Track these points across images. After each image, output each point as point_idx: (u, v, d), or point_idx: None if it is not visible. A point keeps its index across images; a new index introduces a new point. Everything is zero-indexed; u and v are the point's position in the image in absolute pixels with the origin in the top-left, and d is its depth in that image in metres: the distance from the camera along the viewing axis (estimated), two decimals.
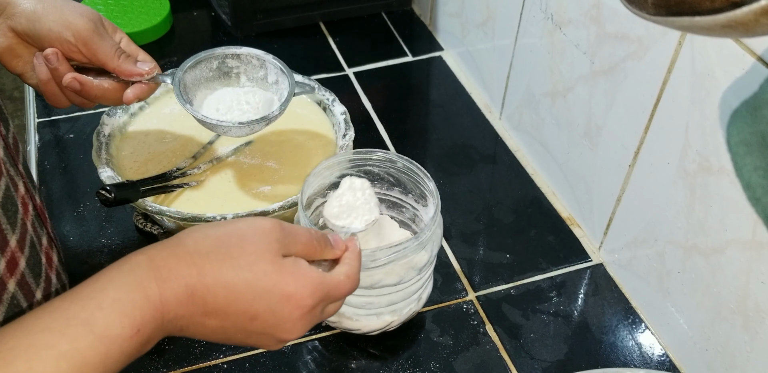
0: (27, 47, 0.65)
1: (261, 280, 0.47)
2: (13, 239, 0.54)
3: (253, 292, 0.47)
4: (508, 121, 0.94)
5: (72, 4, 0.65)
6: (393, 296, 0.66)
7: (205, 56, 0.71)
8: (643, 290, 0.74)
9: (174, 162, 0.78)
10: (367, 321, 0.68)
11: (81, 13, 0.64)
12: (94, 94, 0.66)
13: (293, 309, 0.48)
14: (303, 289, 0.48)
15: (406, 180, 0.68)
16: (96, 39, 0.64)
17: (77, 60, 0.65)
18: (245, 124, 0.68)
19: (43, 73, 0.65)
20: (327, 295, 0.50)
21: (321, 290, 0.49)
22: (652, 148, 0.67)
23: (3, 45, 0.64)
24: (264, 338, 0.49)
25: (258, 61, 0.72)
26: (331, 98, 0.83)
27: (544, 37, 0.80)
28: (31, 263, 0.57)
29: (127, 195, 0.70)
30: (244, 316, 0.47)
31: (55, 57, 0.63)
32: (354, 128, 0.80)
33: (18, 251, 0.55)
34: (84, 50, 0.64)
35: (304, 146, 0.81)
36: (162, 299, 0.44)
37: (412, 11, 1.16)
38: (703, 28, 0.34)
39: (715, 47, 0.56)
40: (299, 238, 0.50)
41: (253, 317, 0.47)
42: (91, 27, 0.64)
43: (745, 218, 0.57)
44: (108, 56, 0.65)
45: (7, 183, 0.54)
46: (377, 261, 0.60)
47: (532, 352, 0.71)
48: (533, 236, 0.82)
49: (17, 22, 0.63)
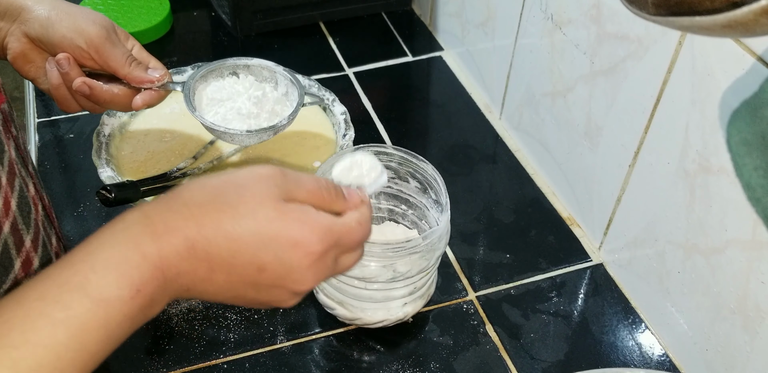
0: (40, 53, 0.66)
1: (264, 227, 0.44)
2: (28, 239, 0.54)
3: (257, 240, 0.44)
4: (508, 121, 0.94)
5: (85, 11, 0.65)
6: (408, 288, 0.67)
7: (217, 66, 0.72)
8: (643, 290, 0.74)
9: (174, 162, 0.78)
10: (384, 313, 0.69)
11: (94, 21, 0.64)
12: (104, 99, 0.66)
13: (302, 257, 0.45)
14: (311, 234, 0.45)
15: (421, 179, 0.69)
16: (108, 46, 0.64)
17: (89, 66, 0.66)
18: (253, 133, 0.68)
19: (55, 78, 0.65)
20: (338, 241, 0.46)
21: (331, 235, 0.46)
22: (652, 148, 0.67)
23: (17, 50, 0.65)
24: (276, 292, 0.46)
25: (268, 72, 0.73)
26: (331, 98, 0.83)
27: (544, 37, 0.80)
28: (43, 262, 0.56)
29: (127, 195, 0.70)
30: (251, 267, 0.44)
31: (67, 62, 0.64)
32: (354, 128, 0.80)
33: (32, 251, 0.55)
34: (96, 57, 0.64)
35: (304, 146, 0.81)
36: (160, 255, 0.42)
37: (412, 11, 1.16)
38: (703, 28, 0.34)
39: (715, 47, 0.56)
40: (304, 185, 0.47)
41: (261, 268, 0.45)
42: (103, 34, 0.64)
43: (745, 218, 0.57)
44: (119, 63, 0.65)
45: (21, 184, 0.54)
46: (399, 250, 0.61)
47: (532, 352, 0.71)
48: (533, 236, 0.82)
49: (31, 28, 0.64)
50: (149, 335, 0.71)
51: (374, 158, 0.54)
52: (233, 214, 0.44)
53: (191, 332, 0.72)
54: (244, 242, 0.44)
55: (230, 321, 0.73)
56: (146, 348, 0.70)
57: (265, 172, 0.46)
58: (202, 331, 0.72)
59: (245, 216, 0.44)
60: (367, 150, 0.62)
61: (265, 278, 0.45)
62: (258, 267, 0.44)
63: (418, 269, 0.65)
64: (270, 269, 0.45)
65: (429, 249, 0.63)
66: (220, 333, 0.72)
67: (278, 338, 0.71)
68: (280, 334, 0.72)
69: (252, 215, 0.44)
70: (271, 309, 0.74)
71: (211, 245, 0.43)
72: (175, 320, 0.73)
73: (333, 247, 0.46)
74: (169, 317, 0.73)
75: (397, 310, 0.69)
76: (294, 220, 0.45)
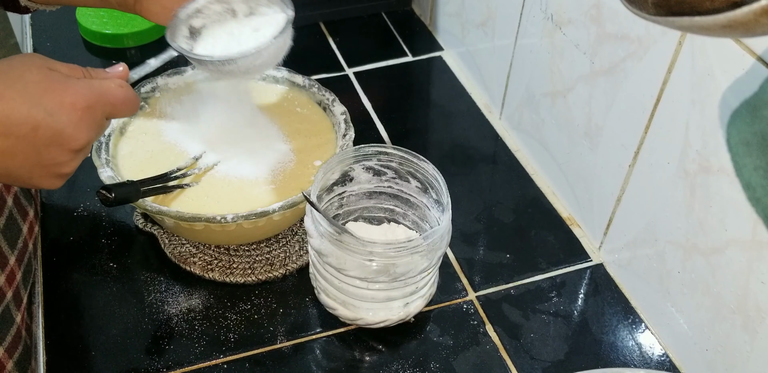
0: None
1: (32, 87, 0.49)
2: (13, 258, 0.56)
3: (27, 100, 0.49)
4: (508, 121, 0.94)
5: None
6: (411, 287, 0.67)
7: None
8: (643, 290, 0.74)
9: (174, 162, 0.78)
10: (386, 313, 0.69)
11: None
12: None
13: (70, 111, 0.50)
14: (75, 91, 0.51)
15: (422, 178, 0.69)
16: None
17: None
18: (240, 58, 0.65)
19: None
20: (101, 97, 0.53)
21: (92, 91, 0.52)
22: (652, 148, 0.67)
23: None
24: (55, 152, 0.51)
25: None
26: (331, 98, 0.83)
27: (544, 37, 0.80)
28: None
29: (127, 195, 0.70)
30: (26, 127, 0.49)
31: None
32: (354, 128, 0.80)
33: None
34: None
35: (304, 146, 0.81)
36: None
37: (412, 11, 1.16)
38: (703, 28, 0.34)
39: (715, 47, 0.56)
40: (63, 64, 0.53)
41: (35, 127, 0.49)
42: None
43: (745, 218, 0.57)
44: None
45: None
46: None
47: (532, 352, 0.71)
48: (533, 236, 0.82)
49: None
50: (149, 335, 0.71)
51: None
52: (4, 78, 0.49)
53: (191, 332, 0.72)
54: (15, 100, 0.49)
55: (230, 321, 0.73)
56: (146, 348, 0.70)
57: (27, 53, 0.53)
58: (202, 331, 0.72)
59: (14, 79, 0.49)
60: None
61: (41, 137, 0.50)
62: (32, 126, 0.49)
63: (419, 269, 0.65)
64: (44, 126, 0.49)
65: (430, 249, 0.63)
66: (220, 333, 0.72)
67: (278, 338, 0.71)
68: (280, 334, 0.72)
69: (20, 78, 0.49)
70: (270, 311, 0.74)
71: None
72: (175, 320, 0.73)
73: (98, 103, 0.52)
74: (169, 317, 0.73)
75: (398, 310, 0.69)
76: (59, 81, 0.51)
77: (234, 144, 0.78)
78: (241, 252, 0.78)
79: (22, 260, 0.72)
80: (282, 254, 0.78)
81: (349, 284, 0.66)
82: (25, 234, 0.74)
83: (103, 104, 0.53)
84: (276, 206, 0.70)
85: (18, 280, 0.71)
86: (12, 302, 0.69)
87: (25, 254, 0.73)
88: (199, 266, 0.77)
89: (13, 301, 0.69)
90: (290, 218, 0.75)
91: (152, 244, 0.79)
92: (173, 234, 0.79)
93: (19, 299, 0.71)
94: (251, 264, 0.77)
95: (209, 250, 0.78)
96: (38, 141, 0.49)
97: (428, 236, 0.62)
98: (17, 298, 0.70)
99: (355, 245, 0.61)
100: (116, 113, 0.56)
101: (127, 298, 0.75)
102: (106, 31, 1.05)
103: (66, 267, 0.77)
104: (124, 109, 0.56)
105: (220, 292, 0.75)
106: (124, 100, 0.56)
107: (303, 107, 0.84)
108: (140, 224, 0.80)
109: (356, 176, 0.71)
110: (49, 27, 1.10)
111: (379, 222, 0.75)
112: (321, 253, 0.64)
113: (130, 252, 0.79)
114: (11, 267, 0.69)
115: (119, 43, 1.06)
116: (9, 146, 0.49)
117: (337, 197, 0.72)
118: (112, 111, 0.55)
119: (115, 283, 0.76)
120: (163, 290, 0.75)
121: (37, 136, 0.49)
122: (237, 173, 0.77)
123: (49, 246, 0.79)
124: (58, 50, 1.07)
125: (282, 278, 0.77)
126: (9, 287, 0.68)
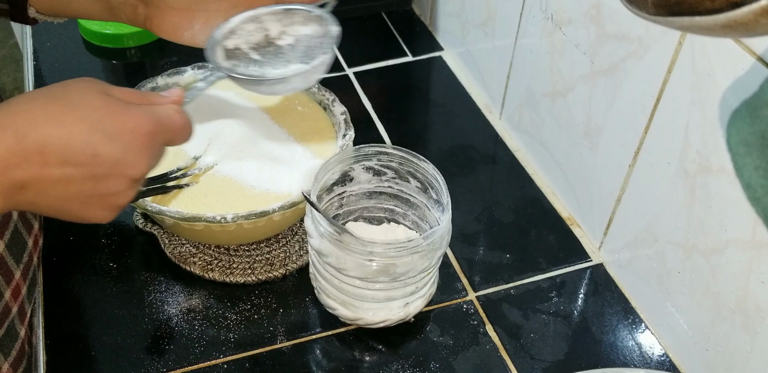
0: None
1: (92, 112, 0.47)
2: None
3: (88, 125, 0.46)
4: (508, 121, 0.94)
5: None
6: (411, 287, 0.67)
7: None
8: (643, 290, 0.74)
9: (174, 162, 0.78)
10: (387, 312, 0.69)
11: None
12: None
13: (132, 138, 0.48)
14: (136, 117, 0.48)
15: (422, 178, 0.69)
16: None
17: None
18: (292, 77, 0.64)
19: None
20: (161, 124, 0.50)
21: (153, 118, 0.49)
22: (652, 148, 0.67)
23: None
24: (114, 182, 0.48)
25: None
26: (331, 98, 0.83)
27: (544, 37, 0.80)
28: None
29: None
30: (85, 154, 0.46)
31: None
32: (354, 128, 0.80)
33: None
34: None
35: (304, 146, 0.81)
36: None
37: (412, 11, 1.16)
38: (703, 28, 0.34)
39: (715, 47, 0.56)
40: (119, 88, 0.51)
41: (96, 153, 0.46)
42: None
43: (745, 218, 0.57)
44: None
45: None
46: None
47: (532, 352, 0.71)
48: (533, 236, 0.82)
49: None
50: (149, 335, 0.72)
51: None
52: (62, 103, 0.46)
53: (191, 332, 0.72)
54: (74, 125, 0.46)
55: (230, 321, 0.73)
56: (146, 348, 0.70)
57: (82, 78, 0.50)
58: (202, 331, 0.72)
59: (74, 104, 0.46)
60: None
61: (101, 164, 0.47)
62: (92, 153, 0.46)
63: (419, 268, 0.65)
64: (105, 153, 0.46)
65: (430, 249, 0.63)
66: (220, 333, 0.72)
67: (278, 338, 0.71)
68: (280, 334, 0.72)
69: (80, 103, 0.47)
70: (270, 311, 0.74)
71: (43, 134, 0.44)
72: (175, 320, 0.73)
73: (158, 130, 0.49)
74: (169, 317, 0.73)
75: (398, 310, 0.69)
76: (120, 106, 0.48)
77: (234, 144, 0.78)
78: (241, 252, 0.78)
79: (27, 274, 0.70)
80: (282, 254, 0.78)
81: (349, 284, 0.66)
82: (30, 248, 0.72)
83: (163, 131, 0.51)
84: (276, 206, 0.70)
85: (23, 294, 0.69)
86: (17, 316, 0.68)
87: (30, 268, 0.71)
88: (199, 266, 0.77)
89: (18, 316, 0.68)
90: (290, 218, 0.75)
91: (152, 244, 0.79)
92: (173, 234, 0.79)
93: (23, 313, 0.69)
94: (251, 264, 0.77)
95: (209, 250, 0.78)
96: (97, 169, 0.46)
97: (428, 236, 0.62)
98: (21, 312, 0.69)
99: (355, 245, 0.61)
100: (175, 140, 0.53)
101: (127, 298, 0.75)
102: (106, 31, 1.05)
103: (66, 267, 0.77)
104: (183, 136, 0.54)
105: (220, 292, 0.75)
106: (183, 126, 0.53)
107: (303, 107, 0.84)
108: (140, 224, 0.80)
109: (356, 176, 0.71)
110: (50, 27, 1.10)
111: (379, 222, 0.75)
112: (321, 253, 0.64)
113: (130, 252, 0.79)
114: (17, 282, 0.67)
115: (119, 43, 1.06)
116: (65, 175, 0.46)
117: (337, 197, 0.72)
118: (171, 138, 0.52)
119: (115, 283, 0.76)
120: (163, 290, 0.75)
121: (97, 162, 0.46)
122: (237, 173, 0.77)
123: (49, 246, 0.79)
124: (59, 50, 1.07)
125: (282, 278, 0.77)
126: (14, 302, 0.67)
